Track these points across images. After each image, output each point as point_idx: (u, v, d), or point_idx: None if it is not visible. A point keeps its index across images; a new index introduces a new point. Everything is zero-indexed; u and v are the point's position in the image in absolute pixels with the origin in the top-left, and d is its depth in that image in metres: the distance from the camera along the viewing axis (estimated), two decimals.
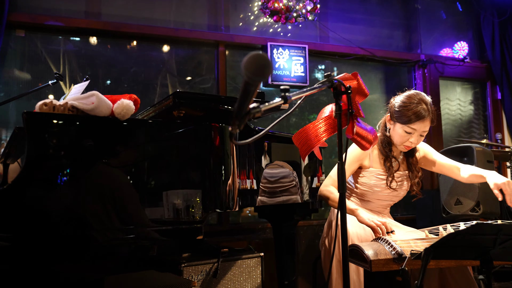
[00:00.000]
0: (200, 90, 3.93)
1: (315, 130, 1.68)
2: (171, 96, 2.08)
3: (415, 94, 2.14)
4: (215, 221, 3.81)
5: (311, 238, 3.82)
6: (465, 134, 4.99)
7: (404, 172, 2.27)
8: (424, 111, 2.08)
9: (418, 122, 2.08)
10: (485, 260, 1.49)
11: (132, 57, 3.73)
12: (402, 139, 2.14)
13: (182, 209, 1.96)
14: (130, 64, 3.71)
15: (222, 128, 2.06)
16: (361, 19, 4.59)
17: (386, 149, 2.22)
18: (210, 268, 2.42)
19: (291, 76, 4.01)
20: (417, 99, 2.10)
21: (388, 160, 2.21)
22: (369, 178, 2.23)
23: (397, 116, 2.13)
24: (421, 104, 2.09)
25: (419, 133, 2.12)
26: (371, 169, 2.24)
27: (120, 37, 3.67)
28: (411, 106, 2.09)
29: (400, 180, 2.25)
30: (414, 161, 2.29)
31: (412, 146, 2.17)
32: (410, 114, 2.07)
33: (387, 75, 4.73)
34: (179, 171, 2.02)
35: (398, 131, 2.14)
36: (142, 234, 1.87)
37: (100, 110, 1.78)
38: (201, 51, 3.96)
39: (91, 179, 1.76)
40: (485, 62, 5.03)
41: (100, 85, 3.61)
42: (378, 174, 2.23)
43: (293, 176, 2.54)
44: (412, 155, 2.29)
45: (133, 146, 1.92)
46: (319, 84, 1.50)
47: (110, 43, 3.67)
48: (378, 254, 1.69)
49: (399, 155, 2.28)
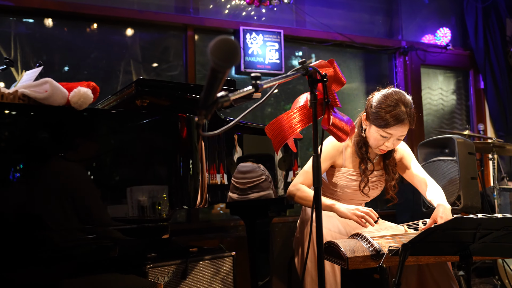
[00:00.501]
0: (167, 77, 3.88)
1: (289, 120, 1.69)
2: (133, 84, 2.05)
3: (394, 93, 2.04)
4: (183, 219, 3.80)
5: (286, 236, 3.85)
6: (447, 124, 5.11)
7: (378, 172, 2.23)
8: (402, 114, 1.98)
9: (395, 127, 1.99)
10: (464, 256, 1.53)
11: (92, 41, 3.65)
12: (377, 142, 2.07)
13: (147, 206, 1.95)
14: (90, 49, 3.63)
15: (190, 118, 2.04)
16: (340, 2, 4.62)
17: (361, 151, 2.15)
18: (178, 269, 2.41)
19: (265, 63, 4.01)
20: (395, 100, 2.00)
21: (364, 163, 2.15)
22: (340, 178, 2.19)
23: (374, 118, 2.04)
24: (400, 106, 1.99)
25: (396, 137, 2.04)
26: (343, 168, 2.19)
27: (78, 19, 3.58)
28: (388, 108, 1.99)
29: (374, 181, 2.22)
30: (391, 162, 2.23)
31: (387, 149, 2.11)
32: (388, 117, 1.97)
33: (367, 62, 4.78)
34: (143, 165, 2.00)
35: (374, 134, 2.06)
36: (103, 234, 1.85)
37: (55, 99, 1.74)
38: (168, 35, 3.91)
39: (47, 175, 1.72)
40: (468, 49, 5.15)
41: (57, 72, 3.53)
42: (350, 174, 2.18)
43: (266, 170, 2.55)
44: (389, 156, 2.22)
45: (92, 139, 1.89)
46: (293, 72, 1.51)
47: (67, 26, 3.58)
48: (355, 251, 1.72)
49: (376, 156, 2.23)
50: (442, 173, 3.04)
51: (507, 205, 3.53)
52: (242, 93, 1.23)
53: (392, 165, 2.23)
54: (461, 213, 2.87)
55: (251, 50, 3.96)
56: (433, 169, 3.13)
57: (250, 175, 2.46)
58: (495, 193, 3.57)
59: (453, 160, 2.93)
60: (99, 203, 1.83)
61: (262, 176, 2.52)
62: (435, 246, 1.51)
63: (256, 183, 2.48)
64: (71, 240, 1.76)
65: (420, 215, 3.29)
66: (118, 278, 2.23)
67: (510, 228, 1.40)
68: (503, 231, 1.41)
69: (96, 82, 1.94)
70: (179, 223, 3.74)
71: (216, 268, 2.54)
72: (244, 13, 4.13)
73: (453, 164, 2.93)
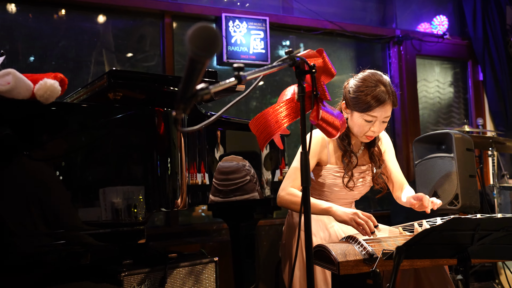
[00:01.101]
0: (143, 68, 3.86)
1: (275, 115, 1.69)
2: (105, 76, 2.03)
3: (371, 74, 2.09)
4: (162, 222, 3.78)
5: (273, 239, 3.86)
6: (444, 119, 5.17)
7: (365, 167, 2.26)
8: (383, 93, 2.03)
9: (378, 108, 2.04)
10: (462, 258, 1.55)
11: (60, 29, 3.60)
12: (363, 129, 2.10)
13: (122, 209, 1.94)
14: (58, 37, 3.59)
15: (168, 113, 2.03)
16: None
17: (344, 143, 2.18)
18: (156, 277, 2.40)
19: (249, 53, 4.00)
20: (374, 80, 2.06)
21: (347, 156, 2.18)
22: (327, 176, 2.21)
23: (354, 103, 2.08)
24: (379, 86, 2.04)
25: (381, 120, 2.08)
26: (328, 166, 2.20)
27: (44, 4, 3.53)
28: (368, 90, 2.04)
29: (362, 176, 2.25)
30: (377, 152, 2.27)
31: (374, 135, 2.14)
32: (369, 99, 2.02)
33: (359, 52, 4.81)
34: (117, 164, 1.99)
35: (357, 121, 2.09)
36: (74, 239, 1.83)
37: (18, 92, 1.72)
38: (144, 22, 3.88)
39: (11, 176, 1.70)
40: (466, 39, 5.21)
41: (21, 62, 3.47)
42: (336, 171, 2.20)
43: (251, 169, 2.55)
44: (374, 145, 2.26)
45: (61, 136, 1.87)
46: (279, 62, 1.51)
47: (33, 12, 3.53)
48: (347, 255, 1.73)
49: (359, 148, 2.27)
50: (439, 171, 3.07)
51: (507, 205, 3.59)
52: (224, 85, 1.23)
53: (378, 154, 2.28)
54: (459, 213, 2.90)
55: (234, 39, 3.95)
56: (429, 166, 3.15)
57: (234, 174, 2.46)
58: (495, 191, 3.63)
59: (450, 157, 2.96)
60: (69, 206, 1.82)
61: (247, 176, 2.52)
62: (432, 248, 1.53)
63: (240, 184, 2.48)
64: (39, 246, 1.75)
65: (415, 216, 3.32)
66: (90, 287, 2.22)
67: (510, 229, 1.42)
68: (503, 232, 1.44)
69: (64, 74, 1.92)
70: (157, 227, 3.72)
71: (197, 275, 2.53)
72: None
73: (450, 161, 2.96)
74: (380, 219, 2.47)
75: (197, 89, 1.09)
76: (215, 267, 2.60)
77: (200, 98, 1.10)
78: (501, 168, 4.66)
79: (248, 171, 2.53)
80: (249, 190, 2.51)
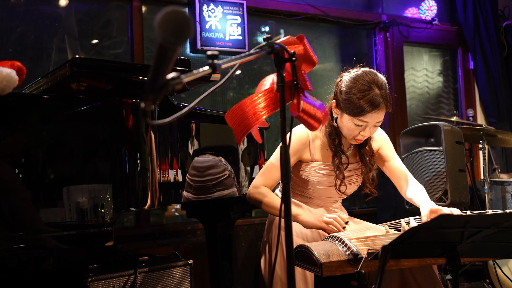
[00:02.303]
0: (109, 56, 3.82)
1: (253, 106, 1.69)
2: (67, 64, 2.00)
3: (364, 75, 2.05)
4: (132, 223, 3.76)
5: (252, 240, 3.87)
6: (433, 110, 5.24)
7: (354, 165, 2.26)
8: (377, 97, 1.99)
9: (370, 113, 2.01)
10: (451, 257, 1.57)
11: (17, 13, 3.54)
12: (352, 132, 2.09)
13: (88, 209, 1.93)
14: (16, 22, 3.52)
15: (137, 104, 2.02)
16: None
17: (334, 143, 2.16)
18: (126, 282, 2.39)
19: (225, 40, 3.99)
20: (367, 82, 2.02)
21: (338, 156, 2.17)
22: (310, 173, 2.21)
23: (345, 105, 2.05)
24: (373, 89, 2.00)
25: (373, 125, 2.07)
26: (313, 163, 2.20)
27: None
28: (360, 93, 2.00)
29: (350, 175, 2.24)
30: (368, 152, 2.25)
31: (364, 139, 2.14)
32: (362, 103, 1.99)
33: (343, 39, 4.84)
34: (82, 161, 1.97)
35: (347, 124, 2.07)
36: (36, 242, 1.82)
37: None
38: (110, 6, 3.83)
39: None
40: (456, 25, 5.27)
41: None
42: (321, 168, 2.19)
43: (228, 165, 2.55)
44: (365, 144, 2.24)
45: (19, 130, 1.84)
46: (257, 50, 1.50)
47: None
48: (330, 256, 1.74)
49: (350, 146, 2.26)
50: (427, 165, 3.11)
51: (498, 200, 3.65)
52: (197, 74, 1.22)
53: (369, 155, 2.26)
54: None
55: (208, 24, 3.93)
56: (417, 160, 3.20)
57: (209, 170, 2.46)
58: (486, 187, 3.69)
59: (439, 150, 3.01)
60: (29, 207, 1.80)
61: (224, 172, 2.52)
62: (419, 247, 1.55)
63: (216, 180, 2.48)
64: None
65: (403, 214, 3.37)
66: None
67: (502, 226, 1.45)
68: (494, 229, 1.46)
69: (23, 62, 1.89)
70: (126, 228, 3.71)
71: (170, 279, 2.53)
72: None
73: (439, 155, 3.01)
74: (366, 217, 2.50)
75: (168, 79, 1.08)
76: (190, 270, 2.60)
77: (171, 88, 1.09)
78: (492, 162, 4.74)
79: (225, 167, 2.53)
80: (226, 187, 2.51)
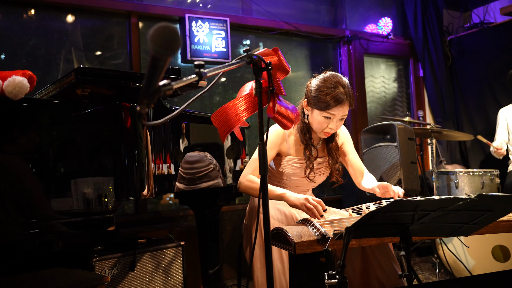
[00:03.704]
0: (111, 66, 3.77)
1: (234, 109, 1.68)
2: (73, 73, 1.97)
3: (332, 76, 2.11)
4: (132, 210, 3.73)
5: (236, 224, 3.87)
6: (389, 112, 5.28)
7: (323, 159, 2.29)
8: (342, 94, 2.06)
9: (336, 108, 2.06)
10: (404, 236, 1.59)
11: (30, 27, 3.47)
12: (321, 125, 2.13)
13: (92, 199, 1.90)
14: (28, 36, 3.46)
15: (134, 108, 1.99)
16: None
17: (305, 137, 2.21)
18: (126, 261, 2.37)
19: (212, 52, 3.97)
20: (334, 82, 2.08)
21: (308, 149, 2.21)
22: (286, 166, 2.23)
23: (315, 102, 2.10)
24: (338, 88, 2.07)
25: (339, 118, 2.12)
26: (288, 157, 2.23)
27: (14, 4, 3.39)
28: (328, 90, 2.06)
29: (318, 168, 2.27)
30: (334, 146, 2.30)
31: (332, 132, 2.17)
32: (328, 99, 2.05)
33: (313, 51, 4.85)
34: (87, 157, 1.95)
35: (317, 118, 2.12)
36: (47, 228, 1.79)
37: None
38: (112, 22, 3.78)
39: None
40: (408, 39, 5.32)
41: None
42: (295, 162, 2.22)
43: (214, 159, 2.54)
44: (332, 140, 2.30)
45: (33, 130, 1.81)
46: (238, 60, 1.50)
47: (3, 12, 3.39)
48: (302, 236, 1.75)
49: (318, 142, 2.30)
50: (384, 158, 3.13)
51: (444, 188, 3.70)
52: (186, 81, 1.21)
53: (335, 149, 2.31)
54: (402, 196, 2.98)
55: (197, 38, 3.91)
56: (375, 154, 3.22)
57: (198, 164, 2.45)
58: (434, 176, 3.74)
59: (394, 145, 3.02)
60: (42, 197, 1.77)
61: (210, 165, 2.51)
62: (377, 228, 1.56)
63: (204, 172, 2.47)
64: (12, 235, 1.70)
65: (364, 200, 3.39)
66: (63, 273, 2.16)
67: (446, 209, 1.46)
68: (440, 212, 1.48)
69: (35, 71, 1.86)
70: (127, 215, 3.67)
71: (165, 258, 2.51)
72: (189, 0, 4.06)
73: (394, 149, 3.02)
74: (332, 203, 2.51)
75: (160, 85, 1.07)
76: (182, 251, 2.58)
77: (163, 93, 1.08)
78: (439, 155, 4.80)
79: (211, 160, 2.52)
80: (213, 178, 2.51)
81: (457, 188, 3.60)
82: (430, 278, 3.60)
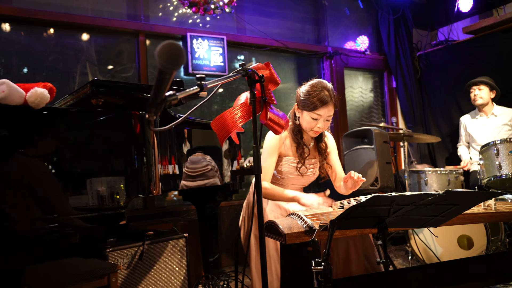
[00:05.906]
0: (121, 78, 3.75)
1: (231, 116, 1.68)
2: (88, 84, 1.96)
3: (318, 82, 2.15)
4: (140, 206, 3.70)
5: (233, 217, 3.86)
6: (366, 118, 5.30)
7: (315, 160, 2.32)
8: (326, 97, 2.10)
9: (322, 108, 2.10)
10: (381, 228, 1.59)
11: (49, 45, 3.45)
12: (310, 125, 2.17)
13: (106, 196, 1.89)
14: (48, 52, 3.44)
15: (143, 116, 1.98)
16: (275, 12, 4.64)
17: (297, 137, 2.24)
18: (136, 251, 2.35)
19: (210, 66, 3.96)
20: (319, 86, 2.12)
21: (300, 147, 2.25)
22: (284, 165, 2.25)
23: (303, 104, 2.14)
24: (324, 91, 2.11)
25: (325, 118, 2.15)
26: (286, 157, 2.25)
27: (35, 23, 3.37)
28: (314, 93, 2.10)
29: (311, 167, 2.30)
30: (323, 146, 2.34)
31: (320, 131, 2.20)
32: (315, 100, 2.09)
33: (299, 65, 4.86)
34: (101, 159, 1.93)
35: (306, 118, 2.17)
36: (65, 222, 1.77)
37: (12, 99, 1.63)
38: (122, 40, 3.77)
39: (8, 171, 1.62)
40: (383, 54, 5.35)
41: (15, 74, 3.31)
42: (291, 162, 2.25)
43: (213, 161, 2.53)
44: (321, 140, 2.33)
45: (52, 135, 1.79)
46: (234, 73, 1.50)
47: (24, 30, 3.36)
48: (291, 228, 1.74)
49: (310, 142, 2.32)
50: (362, 159, 3.13)
51: (415, 185, 3.72)
52: (188, 92, 1.21)
53: (324, 148, 2.34)
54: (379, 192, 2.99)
55: (197, 54, 3.90)
56: (355, 156, 3.22)
57: (199, 165, 2.44)
58: (406, 175, 3.75)
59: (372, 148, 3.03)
60: (60, 194, 1.76)
61: (210, 166, 2.50)
62: (357, 221, 1.56)
63: (204, 172, 2.46)
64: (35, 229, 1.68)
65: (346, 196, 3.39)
66: (80, 262, 2.15)
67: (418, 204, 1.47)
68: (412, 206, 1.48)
69: (54, 83, 1.84)
70: (136, 210, 3.65)
71: (170, 248, 2.50)
72: (190, 21, 4.06)
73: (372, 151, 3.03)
74: None
75: (166, 96, 1.06)
76: (186, 241, 2.57)
77: (168, 103, 1.08)
78: (410, 156, 4.82)
79: (210, 162, 2.51)
80: (212, 177, 2.50)
81: (426, 185, 3.61)
82: (404, 264, 3.61)
